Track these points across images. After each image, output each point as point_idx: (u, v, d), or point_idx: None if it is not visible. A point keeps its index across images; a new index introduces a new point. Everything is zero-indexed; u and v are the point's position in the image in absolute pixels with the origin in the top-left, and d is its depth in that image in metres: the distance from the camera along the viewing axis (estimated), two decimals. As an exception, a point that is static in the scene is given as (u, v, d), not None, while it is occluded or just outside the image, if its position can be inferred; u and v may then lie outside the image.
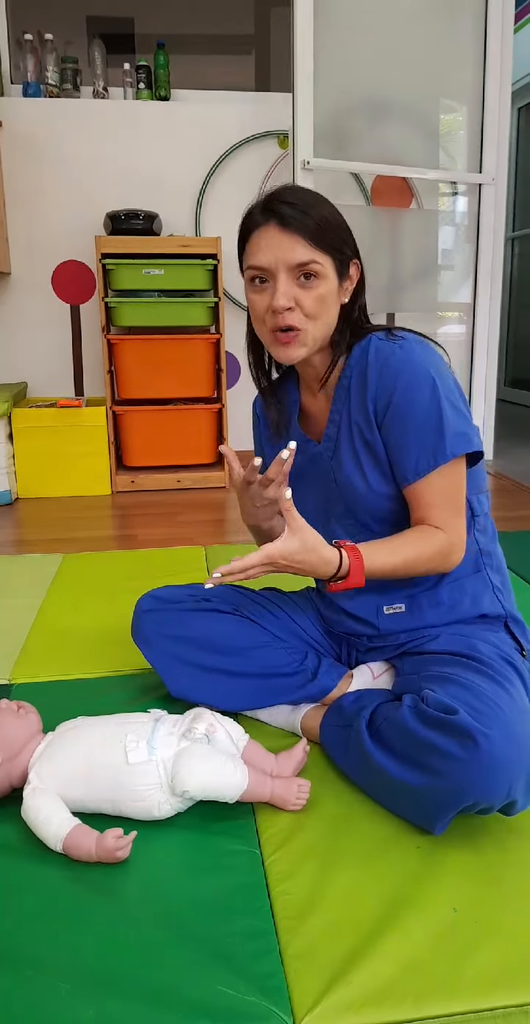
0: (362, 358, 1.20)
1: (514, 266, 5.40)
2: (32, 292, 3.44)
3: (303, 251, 1.12)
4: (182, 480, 3.30)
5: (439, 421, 1.14)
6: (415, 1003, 0.84)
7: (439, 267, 3.40)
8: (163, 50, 3.39)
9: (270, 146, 3.47)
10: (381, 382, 1.17)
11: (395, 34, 2.98)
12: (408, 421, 1.15)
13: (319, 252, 1.13)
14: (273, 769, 1.18)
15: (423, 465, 1.16)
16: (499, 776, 0.97)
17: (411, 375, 1.14)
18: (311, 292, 1.15)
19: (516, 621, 1.30)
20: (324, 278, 1.15)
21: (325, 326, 1.19)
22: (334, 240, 1.15)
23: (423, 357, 1.16)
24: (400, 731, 1.08)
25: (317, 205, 1.15)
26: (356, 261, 1.21)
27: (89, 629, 1.80)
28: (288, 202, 1.14)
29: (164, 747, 1.12)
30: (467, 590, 1.27)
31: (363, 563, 1.12)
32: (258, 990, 0.85)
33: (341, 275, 1.18)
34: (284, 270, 1.14)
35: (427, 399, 1.14)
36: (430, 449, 1.15)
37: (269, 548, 1.07)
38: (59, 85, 3.37)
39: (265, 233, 1.15)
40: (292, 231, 1.12)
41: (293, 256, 1.13)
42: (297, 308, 1.15)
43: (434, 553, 1.17)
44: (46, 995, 0.85)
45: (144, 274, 3.11)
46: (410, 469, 1.17)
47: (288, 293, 1.14)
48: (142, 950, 0.91)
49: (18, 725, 1.17)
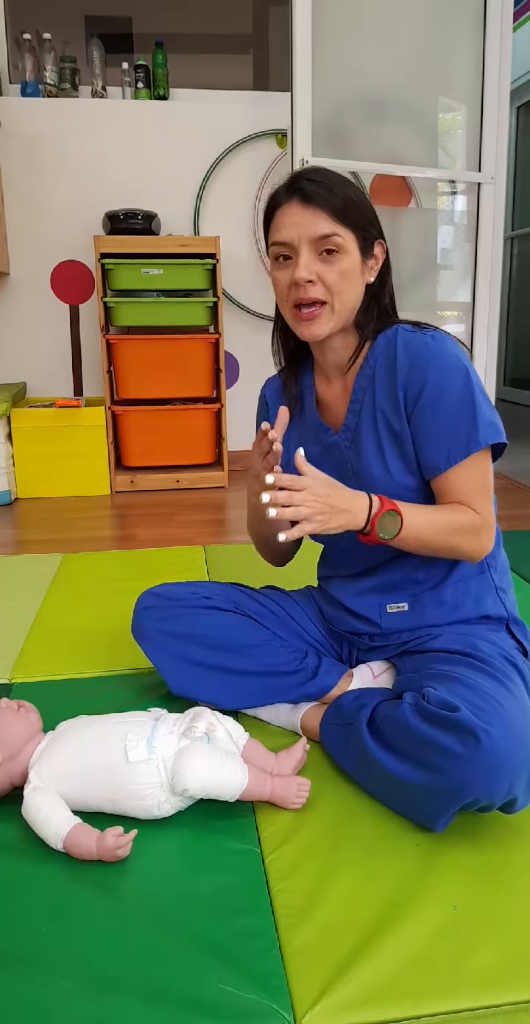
0: (389, 348, 1.20)
1: (513, 265, 5.40)
2: (31, 292, 3.44)
3: (325, 224, 1.14)
4: (181, 480, 3.30)
5: (472, 410, 1.15)
6: (415, 1001, 0.85)
7: (438, 266, 3.40)
8: (161, 49, 3.39)
9: (269, 145, 3.47)
10: (413, 371, 1.17)
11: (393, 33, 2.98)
12: (440, 410, 1.15)
13: (341, 226, 1.14)
14: (273, 768, 1.18)
15: (456, 453, 1.16)
16: (500, 773, 0.97)
17: (444, 365, 1.15)
18: (333, 266, 1.15)
19: (518, 623, 1.30)
20: (346, 253, 1.15)
21: (348, 302, 1.19)
22: (357, 217, 1.16)
23: (455, 348, 1.17)
24: (401, 728, 1.08)
25: (341, 184, 1.16)
26: (381, 241, 1.21)
27: (89, 629, 1.80)
28: (312, 179, 1.15)
29: (164, 746, 1.12)
30: (470, 591, 1.27)
31: (395, 503, 1.13)
32: (259, 988, 0.85)
33: (365, 252, 1.19)
34: (306, 244, 1.15)
35: (461, 388, 1.15)
36: (463, 438, 1.15)
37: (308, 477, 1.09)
38: (57, 85, 3.37)
39: (288, 210, 1.16)
40: (315, 206, 1.14)
41: (315, 229, 1.14)
42: (319, 282, 1.16)
43: (467, 525, 1.16)
44: (46, 993, 0.85)
45: (143, 274, 3.11)
46: (442, 458, 1.17)
47: (309, 266, 1.15)
48: (142, 948, 0.91)
49: (18, 724, 1.17)
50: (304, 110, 2.75)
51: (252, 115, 3.43)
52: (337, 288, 1.16)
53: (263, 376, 1.45)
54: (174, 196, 3.45)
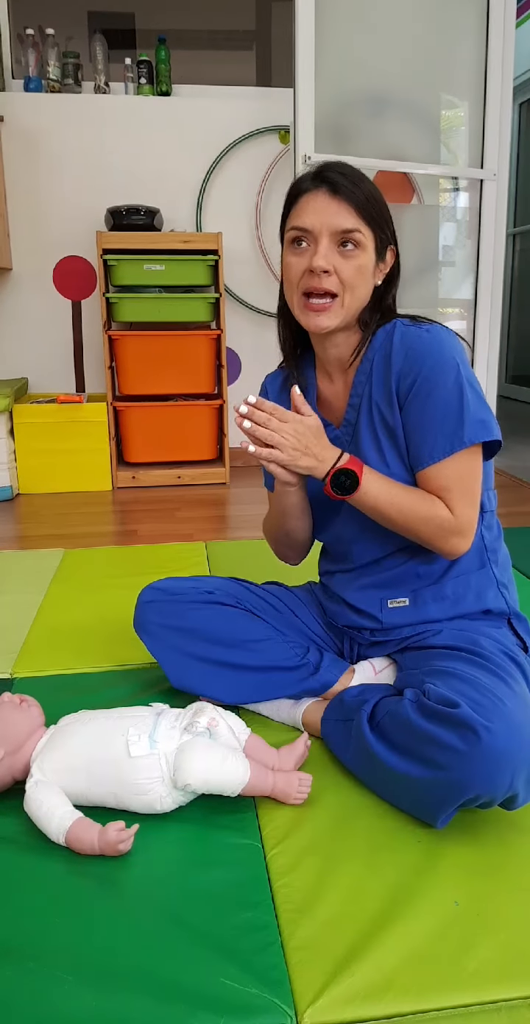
0: (386, 341, 1.21)
1: (515, 262, 5.39)
2: (33, 288, 3.44)
3: (350, 218, 1.14)
4: (183, 476, 3.30)
5: (460, 407, 1.14)
6: (417, 995, 0.85)
7: (440, 263, 3.40)
8: (164, 45, 3.38)
9: (271, 141, 3.46)
10: (407, 363, 1.17)
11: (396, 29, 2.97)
12: (429, 404, 1.15)
13: (364, 223, 1.15)
14: (275, 763, 1.18)
15: (438, 450, 1.16)
16: (501, 769, 0.97)
17: (437, 358, 1.15)
18: (351, 261, 1.16)
19: (519, 618, 1.30)
20: (364, 250, 1.16)
21: (358, 300, 1.19)
22: (378, 217, 1.17)
23: (449, 343, 1.17)
24: (402, 724, 1.08)
25: (366, 181, 1.18)
26: (393, 248, 1.22)
27: (90, 624, 1.81)
28: (341, 172, 1.16)
29: (166, 741, 1.12)
30: (471, 585, 1.27)
31: (364, 467, 1.16)
32: (260, 982, 0.85)
33: (379, 254, 1.19)
34: (327, 234, 1.15)
35: (450, 383, 1.14)
36: (448, 434, 1.15)
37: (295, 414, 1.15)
38: (60, 80, 3.37)
39: (314, 197, 1.16)
40: (342, 198, 1.15)
41: (339, 221, 1.14)
42: (335, 275, 1.16)
43: (431, 516, 1.17)
44: (48, 987, 0.85)
45: (145, 270, 3.11)
46: (425, 453, 1.17)
47: (328, 256, 1.15)
48: (144, 943, 0.91)
49: (20, 719, 1.17)
50: (307, 106, 2.75)
51: (255, 111, 3.42)
52: (351, 283, 1.16)
53: (265, 372, 1.44)
54: (176, 192, 3.45)
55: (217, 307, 3.23)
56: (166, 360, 3.21)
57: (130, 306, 3.16)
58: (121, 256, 3.09)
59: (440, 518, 1.16)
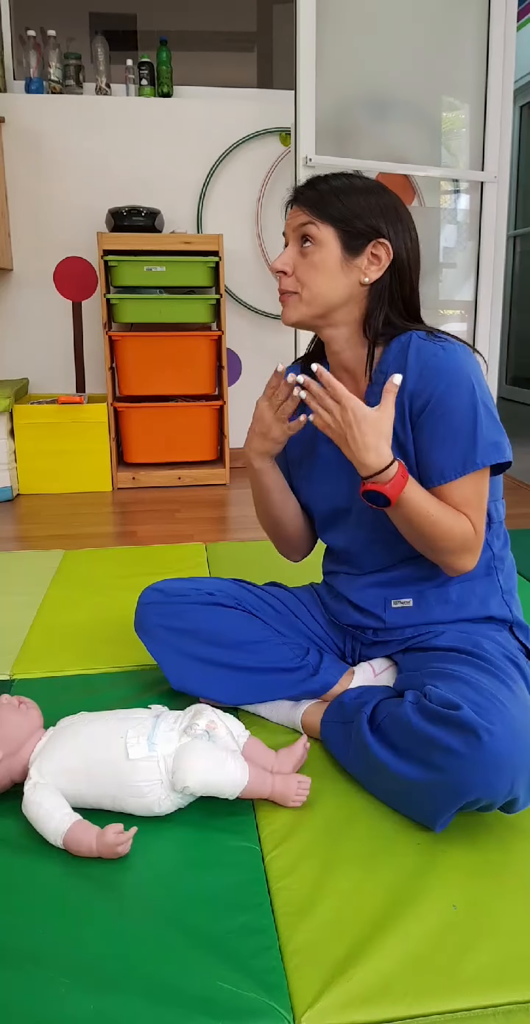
0: (401, 354, 1.19)
1: (516, 264, 5.39)
2: (34, 288, 3.44)
3: (302, 216, 1.19)
4: (183, 477, 3.30)
5: (473, 429, 1.13)
6: (415, 999, 0.85)
7: (441, 265, 3.40)
8: (166, 47, 3.38)
9: (272, 143, 3.46)
10: (421, 381, 1.15)
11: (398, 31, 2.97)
12: (442, 424, 1.14)
13: (318, 219, 1.17)
14: (273, 765, 1.18)
15: (450, 471, 1.15)
16: (502, 772, 0.97)
17: (452, 378, 1.13)
18: (307, 259, 1.19)
19: (522, 627, 1.30)
20: (321, 244, 1.17)
21: (320, 295, 1.19)
22: (340, 212, 1.17)
23: (465, 362, 1.15)
24: (402, 726, 1.08)
25: (333, 182, 1.19)
26: (384, 242, 1.18)
27: (90, 625, 1.80)
28: (306, 183, 1.21)
29: (165, 743, 1.12)
30: (476, 591, 1.27)
31: (406, 483, 1.12)
32: (258, 986, 0.85)
33: (351, 248, 1.17)
34: (292, 237, 1.21)
35: (465, 405, 1.13)
36: (460, 456, 1.14)
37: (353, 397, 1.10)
38: (62, 81, 3.37)
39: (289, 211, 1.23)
40: (298, 204, 1.20)
41: (294, 221, 1.20)
42: (293, 275, 1.20)
43: (458, 531, 1.15)
44: (46, 990, 0.85)
45: (146, 271, 3.11)
46: (435, 472, 1.16)
47: (285, 258, 1.20)
48: (142, 946, 0.91)
49: (19, 720, 1.17)
50: (308, 108, 2.75)
51: (256, 113, 3.42)
52: (305, 279, 1.19)
53: (265, 373, 1.45)
54: (177, 193, 3.45)
55: (218, 308, 3.23)
56: (166, 361, 3.21)
57: (131, 307, 3.16)
58: (122, 257, 3.09)
59: (464, 535, 1.16)
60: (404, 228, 1.21)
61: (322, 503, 1.34)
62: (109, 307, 3.16)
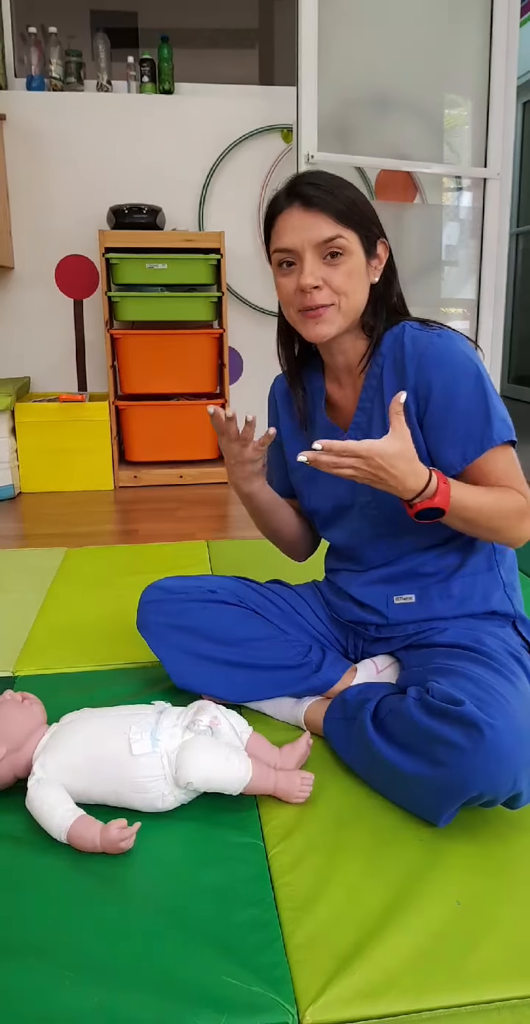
0: (395, 345, 1.19)
1: (518, 262, 5.39)
2: (35, 286, 3.44)
3: (328, 227, 1.13)
4: (184, 476, 3.30)
5: (486, 408, 1.14)
6: (418, 994, 0.85)
7: (443, 263, 3.40)
8: (167, 44, 3.38)
9: (274, 140, 3.46)
10: (421, 371, 1.15)
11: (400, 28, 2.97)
12: (452, 410, 1.14)
13: (344, 228, 1.14)
14: (276, 762, 1.18)
15: (471, 452, 1.15)
16: (505, 767, 0.97)
17: (454, 364, 1.14)
18: (339, 268, 1.15)
19: (524, 622, 1.30)
20: (351, 254, 1.15)
21: (355, 303, 1.18)
22: (359, 217, 1.16)
23: (463, 347, 1.16)
24: (405, 722, 1.08)
25: (341, 186, 1.16)
26: (383, 240, 1.20)
27: (92, 622, 1.80)
28: (311, 183, 1.15)
29: (168, 739, 1.12)
30: (478, 586, 1.27)
31: (450, 486, 1.10)
32: (262, 980, 0.85)
33: (368, 252, 1.18)
34: (310, 249, 1.14)
35: (472, 387, 1.14)
36: (477, 436, 1.14)
37: (370, 444, 1.03)
38: (63, 79, 3.37)
39: (290, 215, 1.15)
40: (316, 210, 1.13)
41: (318, 233, 1.13)
42: (325, 287, 1.15)
43: (514, 509, 1.14)
44: (49, 984, 0.85)
45: (147, 268, 3.11)
46: (457, 457, 1.16)
47: (315, 272, 1.14)
48: (145, 940, 0.91)
49: (22, 716, 1.17)
50: (310, 105, 2.74)
51: (258, 110, 3.42)
52: (344, 289, 1.16)
53: (267, 371, 1.44)
54: (179, 191, 3.44)
55: (219, 306, 3.23)
56: (168, 359, 3.21)
57: (132, 305, 3.16)
58: (123, 255, 3.09)
59: (519, 507, 1.14)
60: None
61: (324, 501, 1.34)
62: (110, 305, 3.16)
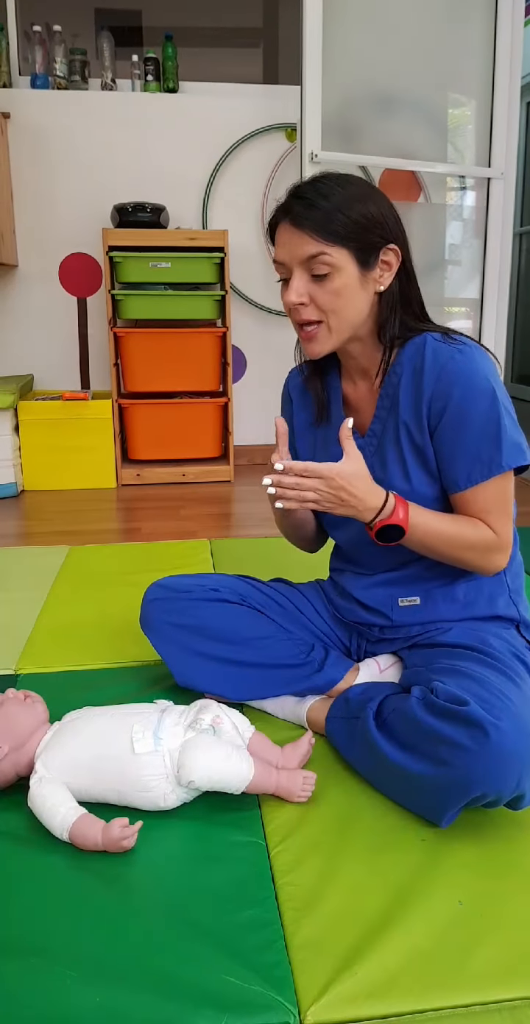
0: (416, 356, 1.17)
1: (522, 261, 5.38)
2: (39, 284, 3.44)
3: (311, 245, 1.11)
4: (187, 474, 3.30)
5: (497, 432, 1.13)
6: (420, 994, 0.85)
7: (446, 262, 3.39)
8: (171, 42, 3.38)
9: (278, 139, 3.46)
10: (439, 386, 1.14)
11: (404, 27, 2.97)
12: (464, 429, 1.13)
13: (329, 244, 1.10)
14: (279, 761, 1.18)
15: (476, 474, 1.14)
16: (509, 767, 0.97)
17: (471, 383, 1.12)
18: (325, 286, 1.13)
19: (528, 626, 1.29)
20: (338, 270, 1.12)
21: (347, 319, 1.16)
22: (351, 229, 1.11)
23: (483, 365, 1.14)
24: (408, 722, 1.08)
25: (332, 195, 1.11)
26: (393, 247, 1.15)
27: (95, 621, 1.81)
28: (300, 196, 1.12)
29: (170, 738, 1.12)
30: (484, 590, 1.26)
31: (408, 507, 1.13)
32: (264, 980, 0.85)
33: (366, 264, 1.14)
34: (297, 265, 1.14)
35: (486, 409, 1.12)
36: (486, 459, 1.13)
37: (330, 465, 1.09)
38: (67, 77, 3.36)
39: (282, 230, 1.15)
40: (300, 226, 1.12)
41: (302, 251, 1.12)
42: (312, 303, 1.15)
43: (477, 541, 1.16)
44: (51, 983, 0.85)
45: (151, 267, 3.11)
46: (462, 477, 1.15)
47: (299, 289, 1.14)
48: (147, 939, 0.91)
49: (25, 714, 1.17)
50: (314, 104, 2.74)
51: (262, 108, 3.41)
52: (330, 307, 1.14)
53: (270, 370, 1.45)
54: (183, 189, 3.44)
55: (223, 305, 3.22)
56: (171, 357, 3.21)
57: (136, 303, 3.16)
58: (127, 253, 3.09)
59: (485, 541, 1.16)
60: (401, 225, 1.18)
61: None
62: (114, 303, 3.16)
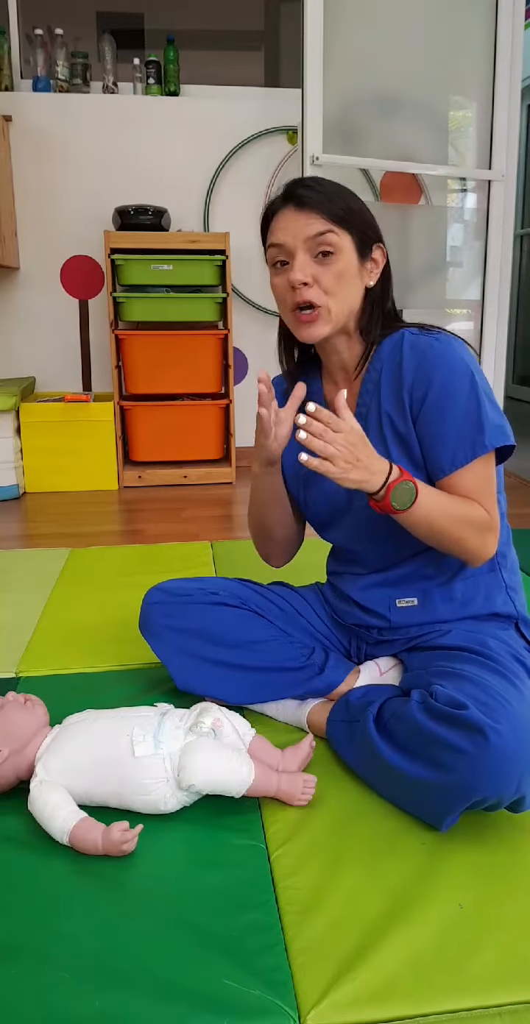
0: (394, 351, 1.20)
1: (523, 263, 5.38)
2: (41, 287, 3.45)
3: (319, 223, 1.14)
4: (189, 476, 3.30)
5: (478, 413, 1.14)
6: (421, 999, 0.84)
7: (447, 264, 3.39)
8: (173, 45, 3.38)
9: (279, 142, 3.46)
10: (419, 374, 1.16)
11: (405, 30, 2.97)
12: (446, 413, 1.15)
13: (336, 226, 1.14)
14: (279, 764, 1.18)
15: (461, 457, 1.15)
16: (509, 770, 0.97)
17: (450, 368, 1.14)
18: (329, 268, 1.15)
19: (527, 623, 1.29)
20: (342, 252, 1.15)
21: (346, 304, 1.18)
22: (353, 219, 1.16)
23: (460, 351, 1.16)
24: (408, 725, 1.08)
25: (337, 191, 1.17)
26: (380, 245, 1.21)
27: (96, 623, 1.81)
28: (306, 186, 1.16)
29: (170, 741, 1.12)
30: (481, 588, 1.27)
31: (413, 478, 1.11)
32: (263, 984, 0.85)
33: (363, 255, 1.18)
34: (301, 246, 1.15)
35: (467, 391, 1.14)
36: (469, 441, 1.14)
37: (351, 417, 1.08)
38: (69, 80, 3.37)
39: (283, 215, 1.17)
40: (308, 209, 1.14)
41: (309, 229, 1.14)
42: (315, 284, 1.16)
43: (475, 518, 1.15)
44: (51, 987, 0.85)
45: (152, 269, 3.11)
46: (446, 460, 1.16)
47: (305, 268, 1.15)
48: (147, 943, 0.91)
49: (25, 718, 1.17)
50: (315, 106, 2.74)
51: (263, 111, 3.42)
52: (333, 289, 1.16)
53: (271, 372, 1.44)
54: (184, 192, 3.45)
55: (224, 307, 3.23)
56: (173, 360, 3.22)
57: (137, 306, 3.16)
58: (129, 256, 3.09)
59: (482, 518, 1.16)
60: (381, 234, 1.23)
61: (320, 504, 1.34)
62: (116, 305, 3.16)
